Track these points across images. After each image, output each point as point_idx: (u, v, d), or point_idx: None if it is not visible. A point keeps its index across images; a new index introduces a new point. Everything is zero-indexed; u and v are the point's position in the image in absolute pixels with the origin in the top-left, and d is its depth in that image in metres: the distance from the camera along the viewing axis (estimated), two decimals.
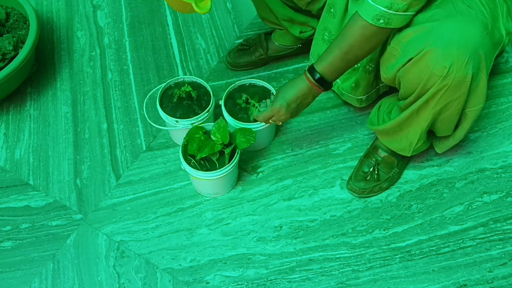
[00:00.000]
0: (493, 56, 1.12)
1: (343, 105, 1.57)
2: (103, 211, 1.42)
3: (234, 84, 1.46)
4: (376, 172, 1.39)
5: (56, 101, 1.64)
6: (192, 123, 1.39)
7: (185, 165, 1.32)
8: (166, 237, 1.37)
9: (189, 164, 1.32)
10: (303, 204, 1.41)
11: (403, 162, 1.43)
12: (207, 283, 1.30)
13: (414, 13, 1.06)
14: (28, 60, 1.54)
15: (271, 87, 1.45)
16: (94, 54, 1.75)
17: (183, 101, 1.44)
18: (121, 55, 1.74)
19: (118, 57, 1.74)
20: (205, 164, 1.33)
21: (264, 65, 1.67)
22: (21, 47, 1.56)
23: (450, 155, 1.46)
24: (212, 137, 1.31)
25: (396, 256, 1.32)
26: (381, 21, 1.05)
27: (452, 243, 1.33)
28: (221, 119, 1.31)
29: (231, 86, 1.46)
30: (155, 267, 1.33)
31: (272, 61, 1.68)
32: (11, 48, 1.54)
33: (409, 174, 1.44)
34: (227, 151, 1.32)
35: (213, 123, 1.31)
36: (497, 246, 1.32)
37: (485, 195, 1.40)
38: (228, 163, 1.31)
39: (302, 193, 1.43)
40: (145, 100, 1.47)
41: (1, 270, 1.34)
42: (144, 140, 1.55)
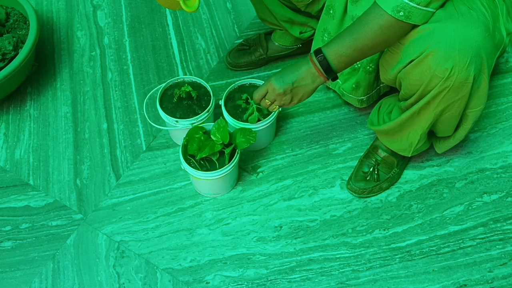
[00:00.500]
0: (495, 58, 1.12)
1: (343, 105, 1.57)
2: (103, 211, 1.42)
3: (234, 84, 1.46)
4: (376, 172, 1.39)
5: (56, 101, 1.64)
6: (192, 123, 1.39)
7: (185, 165, 1.32)
8: (166, 237, 1.37)
9: (189, 164, 1.32)
10: (303, 204, 1.41)
11: (403, 162, 1.43)
12: (207, 283, 1.30)
13: (435, 10, 1.03)
14: (28, 60, 1.54)
15: None
16: (94, 54, 1.75)
17: (183, 101, 1.44)
18: (121, 55, 1.74)
19: (118, 57, 1.74)
20: (205, 164, 1.33)
21: (264, 65, 1.67)
22: (21, 47, 1.56)
23: (450, 155, 1.46)
24: (212, 137, 1.31)
25: (396, 256, 1.32)
26: (401, 14, 1.01)
27: (452, 243, 1.33)
28: (221, 119, 1.31)
29: (231, 86, 1.46)
30: (155, 267, 1.33)
31: (272, 61, 1.68)
32: (11, 48, 1.54)
33: (409, 174, 1.44)
34: (227, 151, 1.32)
35: (213, 123, 1.31)
36: (497, 246, 1.32)
37: (485, 195, 1.40)
38: (228, 163, 1.31)
39: (302, 193, 1.43)
40: (145, 100, 1.47)
41: (1, 270, 1.34)
42: (144, 140, 1.55)
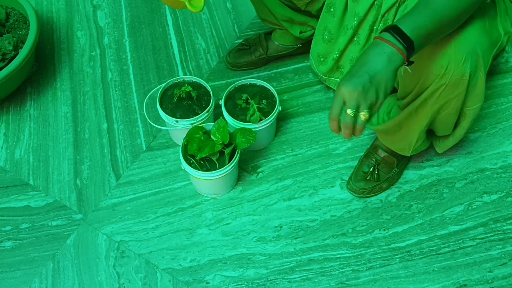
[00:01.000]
0: (491, 55, 1.12)
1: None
2: (103, 211, 1.42)
3: (234, 84, 1.46)
4: (376, 172, 1.39)
5: (56, 101, 1.64)
6: (192, 123, 1.39)
7: (185, 165, 1.31)
8: (166, 237, 1.37)
9: (189, 164, 1.31)
10: (303, 204, 1.41)
11: (403, 162, 1.43)
12: (207, 283, 1.30)
13: None
14: (28, 60, 1.54)
15: (271, 87, 1.45)
16: (94, 54, 1.75)
17: (183, 101, 1.44)
18: (121, 55, 1.74)
19: (118, 57, 1.74)
20: (205, 164, 1.33)
21: (264, 65, 1.67)
22: (21, 47, 1.56)
23: (450, 155, 1.46)
24: (212, 137, 1.31)
25: (396, 256, 1.32)
26: None
27: (452, 243, 1.33)
28: (221, 119, 1.31)
29: (231, 86, 1.46)
30: (155, 267, 1.33)
31: (272, 61, 1.67)
32: (11, 48, 1.54)
33: (409, 174, 1.44)
34: (227, 151, 1.32)
35: (213, 123, 1.31)
36: (497, 246, 1.32)
37: (485, 195, 1.40)
38: (228, 163, 1.31)
39: (302, 193, 1.43)
40: (145, 100, 1.47)
41: (1, 270, 1.34)
42: (144, 140, 1.55)
